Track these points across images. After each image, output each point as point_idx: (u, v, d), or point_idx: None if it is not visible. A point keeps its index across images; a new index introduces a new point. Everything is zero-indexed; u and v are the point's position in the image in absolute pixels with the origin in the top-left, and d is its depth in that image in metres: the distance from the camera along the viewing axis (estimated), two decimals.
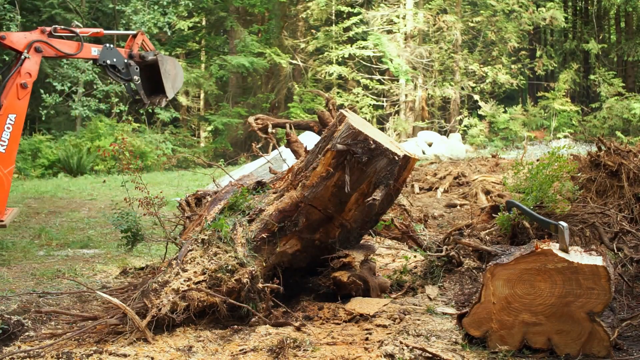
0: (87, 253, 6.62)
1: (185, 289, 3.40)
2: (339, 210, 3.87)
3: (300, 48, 24.79)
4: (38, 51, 5.46)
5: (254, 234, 3.83)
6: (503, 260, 3.11)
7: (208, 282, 3.46)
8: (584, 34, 26.71)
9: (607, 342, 2.90)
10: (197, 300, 3.38)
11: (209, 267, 3.52)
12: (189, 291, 3.39)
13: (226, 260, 3.55)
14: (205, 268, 3.52)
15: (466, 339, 3.18)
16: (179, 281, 3.44)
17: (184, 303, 3.35)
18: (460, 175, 9.72)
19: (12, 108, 5.29)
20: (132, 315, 3.25)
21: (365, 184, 3.78)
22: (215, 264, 3.52)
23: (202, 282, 3.46)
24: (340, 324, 3.61)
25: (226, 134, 24.03)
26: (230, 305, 3.47)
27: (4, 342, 3.30)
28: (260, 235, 3.83)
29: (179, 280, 3.45)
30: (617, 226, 4.50)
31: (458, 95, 23.19)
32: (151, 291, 3.44)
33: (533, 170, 4.94)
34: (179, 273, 3.50)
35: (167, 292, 3.39)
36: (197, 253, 3.61)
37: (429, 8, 22.79)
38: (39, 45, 5.43)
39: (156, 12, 19.78)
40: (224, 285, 3.46)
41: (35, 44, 5.40)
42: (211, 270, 3.50)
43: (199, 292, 3.38)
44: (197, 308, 3.39)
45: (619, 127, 20.97)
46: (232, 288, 3.48)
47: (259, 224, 3.90)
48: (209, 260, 3.56)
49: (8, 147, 5.25)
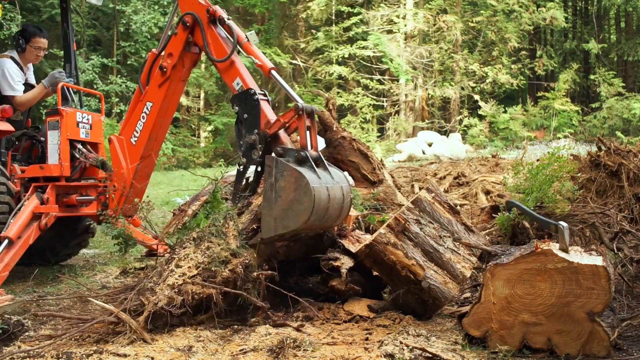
0: (87, 253, 6.62)
1: (180, 283, 3.39)
2: None
3: (300, 48, 24.80)
4: (185, 27, 4.41)
5: (245, 225, 3.80)
6: (503, 260, 3.11)
7: (202, 275, 3.44)
8: (584, 34, 26.73)
9: (607, 342, 2.90)
10: (193, 293, 3.36)
11: (203, 260, 3.50)
12: (183, 285, 3.38)
13: (218, 252, 3.52)
14: (198, 262, 3.50)
15: (466, 339, 3.18)
16: (174, 277, 3.44)
17: (180, 297, 3.34)
18: (460, 175, 9.73)
19: (150, 95, 4.68)
20: (127, 319, 3.24)
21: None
22: (208, 257, 3.51)
23: (197, 276, 3.44)
24: (340, 324, 3.61)
25: (226, 134, 24.03)
26: (228, 302, 3.47)
27: (4, 342, 3.30)
28: (251, 227, 3.79)
29: (173, 276, 3.45)
30: (617, 226, 4.50)
31: (458, 95, 23.19)
32: (147, 290, 3.44)
33: (533, 170, 4.94)
34: (173, 270, 3.50)
35: (163, 289, 3.39)
36: (190, 250, 3.60)
37: (429, 8, 22.80)
38: (186, 20, 4.36)
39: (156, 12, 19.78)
40: (219, 276, 3.44)
41: (186, 16, 4.37)
42: (205, 263, 3.48)
43: (193, 285, 3.37)
44: (193, 301, 3.37)
45: (619, 127, 20.98)
46: (227, 278, 3.46)
47: (248, 216, 3.87)
48: (202, 255, 3.54)
49: (139, 139, 4.75)
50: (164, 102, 4.68)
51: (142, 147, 4.77)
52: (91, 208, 5.23)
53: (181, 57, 4.55)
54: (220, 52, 4.29)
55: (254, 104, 4.02)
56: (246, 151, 3.99)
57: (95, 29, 21.45)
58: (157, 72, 4.61)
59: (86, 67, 17.38)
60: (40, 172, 5.02)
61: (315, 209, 3.45)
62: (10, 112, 5.18)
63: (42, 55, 5.66)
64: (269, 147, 3.92)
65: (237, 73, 4.19)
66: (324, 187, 3.56)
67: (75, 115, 5.13)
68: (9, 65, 5.34)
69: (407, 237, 3.75)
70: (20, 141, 5.45)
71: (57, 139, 5.02)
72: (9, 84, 5.29)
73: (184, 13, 4.42)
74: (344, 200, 3.78)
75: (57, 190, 5.00)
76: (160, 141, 5.01)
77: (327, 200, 3.57)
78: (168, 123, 4.96)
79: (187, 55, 4.59)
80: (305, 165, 3.61)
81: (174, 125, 23.43)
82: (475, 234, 4.24)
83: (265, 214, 3.60)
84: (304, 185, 3.45)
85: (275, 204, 3.54)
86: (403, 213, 3.85)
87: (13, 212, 4.68)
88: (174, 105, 4.87)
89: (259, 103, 4.01)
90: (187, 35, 4.44)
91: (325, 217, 3.62)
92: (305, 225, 3.47)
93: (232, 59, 4.22)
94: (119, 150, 4.80)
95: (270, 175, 3.58)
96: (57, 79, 5.32)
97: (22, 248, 4.55)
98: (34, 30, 5.53)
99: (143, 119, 4.70)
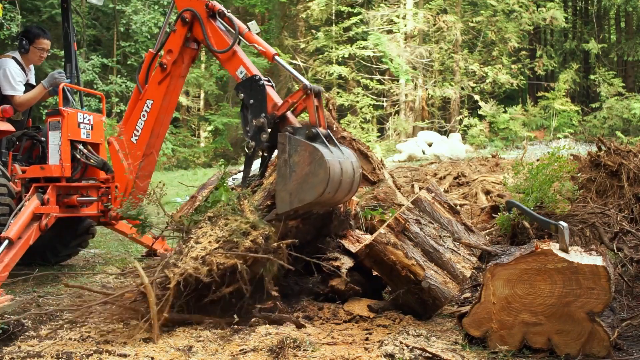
0: (87, 253, 6.63)
1: (204, 255, 3.40)
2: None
3: (300, 48, 24.81)
4: (184, 23, 4.45)
5: (259, 202, 3.82)
6: (503, 260, 3.11)
7: (224, 248, 3.45)
8: (584, 34, 26.74)
9: (607, 342, 2.91)
10: (217, 264, 3.37)
11: (222, 235, 3.52)
12: (207, 256, 3.38)
13: (238, 225, 3.54)
14: (218, 237, 3.51)
15: (466, 339, 3.18)
16: (196, 251, 3.45)
17: (205, 267, 3.35)
18: (460, 175, 9.73)
19: (150, 93, 4.68)
20: (150, 291, 3.24)
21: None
22: (227, 231, 3.53)
23: (219, 249, 3.45)
24: (340, 324, 3.61)
25: (226, 134, 24.06)
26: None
27: (4, 342, 3.30)
28: (265, 203, 3.81)
29: (194, 250, 3.45)
30: (617, 226, 4.50)
31: (458, 95, 23.20)
32: (171, 264, 3.43)
33: (533, 170, 4.95)
34: (194, 245, 3.49)
35: (186, 261, 3.39)
36: (206, 228, 3.61)
37: (429, 8, 22.81)
38: (185, 16, 4.42)
39: (156, 12, 19.78)
40: (241, 246, 3.45)
41: (185, 12, 4.42)
42: (225, 237, 3.50)
43: (217, 256, 3.38)
44: (218, 271, 3.36)
45: (619, 127, 20.99)
46: (249, 249, 3.46)
47: (262, 193, 3.89)
48: (220, 230, 3.55)
49: (140, 138, 4.75)
50: (165, 99, 4.71)
51: (144, 145, 4.78)
52: (92, 209, 5.24)
53: (181, 53, 4.59)
54: (222, 44, 4.34)
55: (259, 89, 4.07)
56: (254, 134, 4.01)
57: (95, 29, 21.47)
58: (157, 70, 4.64)
59: (86, 67, 17.39)
60: (41, 173, 5.02)
61: (330, 180, 3.49)
62: (10, 112, 5.18)
63: (45, 57, 5.67)
64: (277, 129, 3.95)
65: (240, 62, 4.24)
66: (336, 161, 3.62)
67: (76, 116, 5.14)
68: (11, 65, 5.34)
69: (407, 237, 3.75)
70: (21, 141, 5.46)
71: (58, 140, 5.02)
72: (10, 84, 5.29)
73: (182, 10, 4.47)
74: (355, 175, 3.85)
75: (58, 190, 5.00)
76: (161, 138, 5.03)
77: (340, 173, 3.62)
78: (169, 120, 4.99)
79: (186, 51, 4.63)
80: (317, 141, 3.66)
81: (174, 125, 23.45)
82: (475, 234, 4.24)
83: (279, 189, 3.63)
84: (319, 158, 3.50)
85: (290, 179, 3.58)
86: (403, 213, 3.86)
87: (13, 212, 4.68)
88: (174, 102, 4.90)
89: (264, 88, 4.06)
90: (186, 31, 4.49)
91: (338, 191, 3.67)
92: (321, 197, 3.52)
93: (234, 48, 4.28)
94: (120, 151, 4.81)
95: (284, 152, 3.62)
96: (56, 79, 5.33)
97: (22, 249, 4.55)
98: (38, 32, 5.54)
99: (144, 117, 4.71)
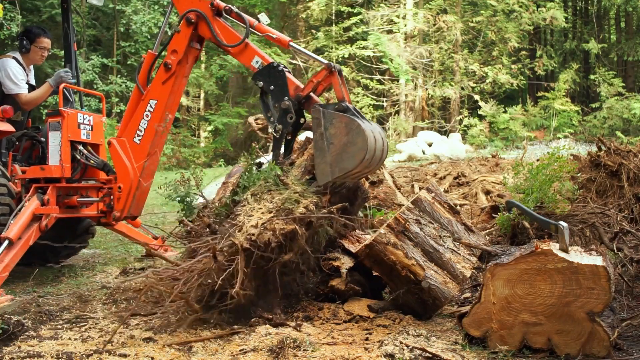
0: (87, 253, 6.63)
1: (264, 221, 3.43)
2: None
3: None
4: (189, 23, 4.52)
5: (297, 177, 3.87)
6: (503, 260, 3.12)
7: (278, 217, 3.48)
8: (584, 34, 26.74)
9: (607, 342, 2.91)
10: (279, 229, 3.40)
11: (273, 206, 3.55)
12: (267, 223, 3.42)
13: (289, 195, 3.59)
14: (270, 208, 3.54)
15: (466, 339, 3.18)
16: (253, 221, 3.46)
17: (268, 232, 3.38)
18: (460, 175, 9.73)
19: (154, 93, 4.68)
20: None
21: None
22: (279, 201, 3.56)
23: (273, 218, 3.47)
24: (340, 324, 3.61)
25: (226, 134, 24.05)
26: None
27: (4, 342, 3.30)
28: (303, 178, 3.86)
29: (251, 221, 3.46)
30: (617, 226, 4.50)
31: (458, 95, 23.19)
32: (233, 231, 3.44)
33: (533, 170, 4.95)
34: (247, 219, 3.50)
35: (248, 229, 3.40)
36: (252, 204, 3.62)
37: (429, 8, 22.80)
38: (190, 17, 4.47)
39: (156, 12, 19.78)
40: (296, 212, 3.49)
41: (190, 13, 4.49)
42: (277, 206, 3.53)
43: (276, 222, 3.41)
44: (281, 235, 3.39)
45: (619, 127, 20.99)
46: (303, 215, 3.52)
47: (298, 169, 3.94)
48: (270, 202, 3.59)
49: (143, 138, 4.74)
50: (169, 99, 4.73)
51: (148, 145, 4.79)
52: (92, 209, 5.23)
53: (186, 53, 4.63)
54: (232, 39, 4.44)
55: (279, 74, 4.19)
56: (281, 117, 4.13)
57: (95, 29, 21.47)
58: (160, 70, 4.67)
59: (86, 67, 17.39)
60: (41, 173, 5.01)
61: (369, 147, 3.63)
62: (11, 112, 5.18)
63: (46, 56, 5.66)
64: (301, 110, 4.12)
65: (255, 52, 4.36)
66: (369, 130, 3.74)
67: (76, 117, 5.13)
68: (12, 64, 5.34)
69: (407, 237, 3.75)
70: (21, 142, 5.45)
71: (58, 140, 5.02)
72: (13, 83, 5.29)
73: (187, 10, 4.51)
74: (383, 144, 3.98)
75: (58, 191, 5.00)
76: (164, 138, 5.05)
77: (374, 141, 3.75)
78: (171, 120, 5.00)
79: (190, 51, 4.69)
80: (348, 113, 3.76)
81: (174, 125, 23.42)
82: (475, 234, 4.24)
83: (318, 162, 3.76)
84: (356, 127, 3.65)
85: (329, 150, 3.72)
86: (403, 213, 3.86)
87: (13, 213, 4.68)
88: (177, 101, 4.94)
89: (284, 73, 4.18)
90: (191, 31, 4.54)
91: (374, 158, 3.79)
92: (361, 164, 3.65)
93: (246, 41, 4.39)
94: (122, 152, 4.81)
95: (319, 126, 3.75)
96: (62, 78, 5.32)
97: (22, 249, 4.55)
98: (39, 31, 5.54)
99: (147, 117, 4.72)
